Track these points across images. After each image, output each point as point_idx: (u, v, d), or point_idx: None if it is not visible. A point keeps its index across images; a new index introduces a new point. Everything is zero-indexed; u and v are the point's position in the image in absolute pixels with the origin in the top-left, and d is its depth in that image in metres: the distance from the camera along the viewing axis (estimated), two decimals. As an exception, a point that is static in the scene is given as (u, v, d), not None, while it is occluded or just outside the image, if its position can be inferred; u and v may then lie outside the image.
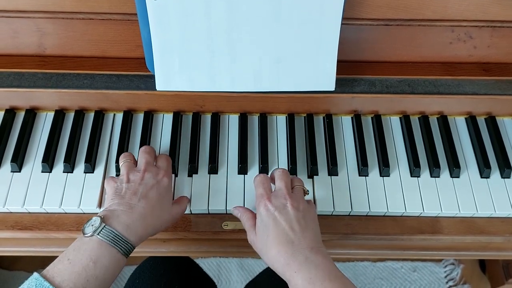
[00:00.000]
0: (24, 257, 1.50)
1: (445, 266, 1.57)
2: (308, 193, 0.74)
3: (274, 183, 0.73)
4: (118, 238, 0.63)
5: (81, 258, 0.61)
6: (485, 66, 0.86)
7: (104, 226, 0.64)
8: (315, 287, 0.61)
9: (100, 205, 0.79)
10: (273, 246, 0.65)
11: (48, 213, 0.79)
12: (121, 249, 0.63)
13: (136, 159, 0.77)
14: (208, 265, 1.55)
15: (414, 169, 0.83)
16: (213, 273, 1.54)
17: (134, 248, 0.66)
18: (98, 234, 0.63)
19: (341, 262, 1.55)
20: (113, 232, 0.63)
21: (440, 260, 1.58)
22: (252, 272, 1.53)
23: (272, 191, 0.71)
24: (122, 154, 0.77)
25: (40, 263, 1.52)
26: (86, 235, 0.63)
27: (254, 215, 0.71)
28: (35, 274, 0.59)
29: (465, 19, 0.80)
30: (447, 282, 1.56)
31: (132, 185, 0.70)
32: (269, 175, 0.75)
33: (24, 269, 1.50)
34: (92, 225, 0.64)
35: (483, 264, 1.58)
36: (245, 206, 0.78)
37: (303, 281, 0.61)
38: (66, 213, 0.80)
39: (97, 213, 0.67)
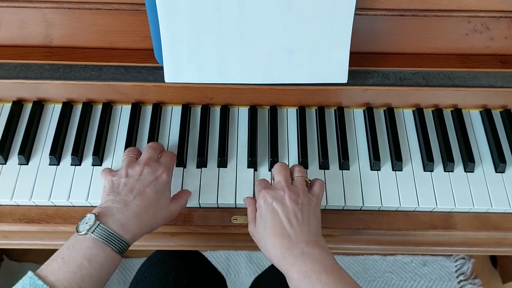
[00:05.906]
0: (33, 249, 1.50)
1: (456, 261, 1.56)
2: (309, 183, 0.73)
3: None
4: (113, 237, 0.62)
5: (75, 257, 0.60)
6: (502, 58, 0.84)
7: (99, 224, 0.62)
8: (311, 280, 0.61)
9: (108, 198, 0.78)
10: (270, 238, 0.65)
11: (55, 206, 0.79)
12: (115, 247, 0.62)
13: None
14: (217, 257, 1.55)
15: (428, 163, 0.81)
16: (222, 265, 1.54)
17: (129, 246, 0.65)
18: (92, 232, 0.62)
19: (350, 255, 1.53)
20: (108, 230, 0.62)
21: (451, 255, 1.56)
22: (261, 265, 1.53)
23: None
24: (127, 149, 0.76)
25: (49, 255, 1.50)
26: (80, 233, 0.62)
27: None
28: (29, 272, 0.58)
29: (482, 10, 0.78)
30: (457, 277, 1.54)
31: (130, 181, 0.68)
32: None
33: (34, 261, 1.50)
34: (87, 223, 0.63)
35: (494, 258, 1.56)
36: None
37: (298, 275, 0.62)
38: (74, 206, 0.79)
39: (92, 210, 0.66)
